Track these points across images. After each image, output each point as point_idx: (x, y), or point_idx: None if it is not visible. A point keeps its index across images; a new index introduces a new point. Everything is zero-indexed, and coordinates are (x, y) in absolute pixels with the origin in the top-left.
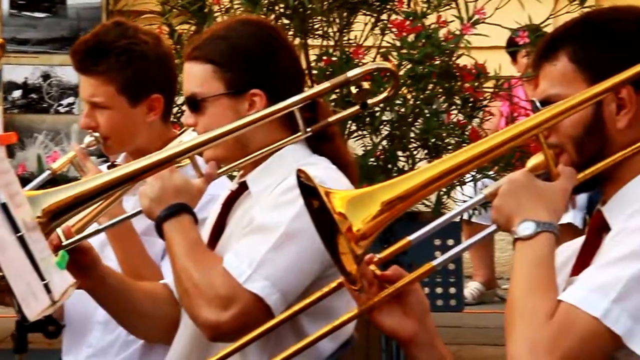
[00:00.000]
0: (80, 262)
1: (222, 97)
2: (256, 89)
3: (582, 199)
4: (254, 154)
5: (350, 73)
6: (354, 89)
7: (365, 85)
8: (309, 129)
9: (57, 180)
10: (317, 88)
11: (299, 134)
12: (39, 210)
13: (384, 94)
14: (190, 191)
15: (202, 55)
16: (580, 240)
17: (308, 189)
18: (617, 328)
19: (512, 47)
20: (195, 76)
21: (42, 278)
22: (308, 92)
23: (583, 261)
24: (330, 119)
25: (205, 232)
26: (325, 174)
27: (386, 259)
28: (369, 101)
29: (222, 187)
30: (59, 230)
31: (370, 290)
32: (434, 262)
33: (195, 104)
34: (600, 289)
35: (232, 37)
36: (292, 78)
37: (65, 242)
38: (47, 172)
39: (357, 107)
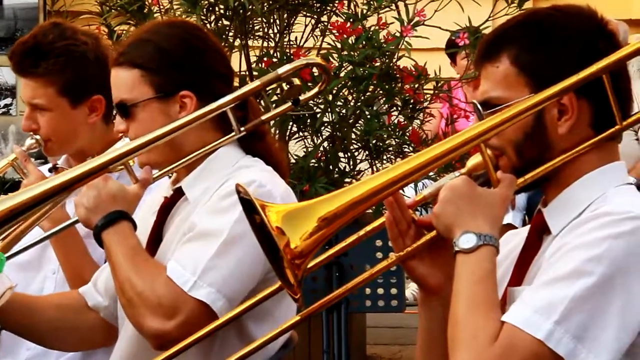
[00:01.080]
0: None
1: (151, 101)
2: (185, 90)
3: (521, 199)
4: (189, 156)
5: (281, 70)
6: (285, 86)
7: (296, 81)
8: (242, 129)
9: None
10: (248, 87)
11: (233, 134)
12: None
13: (316, 89)
14: (127, 197)
15: (128, 60)
16: (521, 233)
17: (247, 203)
18: (559, 349)
19: (451, 49)
20: (123, 82)
21: None
22: (239, 91)
23: (523, 264)
24: (263, 117)
25: (141, 238)
26: (262, 176)
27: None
28: (301, 97)
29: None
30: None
31: (407, 234)
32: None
33: (126, 110)
34: (543, 310)
35: (157, 40)
36: (221, 77)
37: (9, 253)
38: None
39: (289, 104)
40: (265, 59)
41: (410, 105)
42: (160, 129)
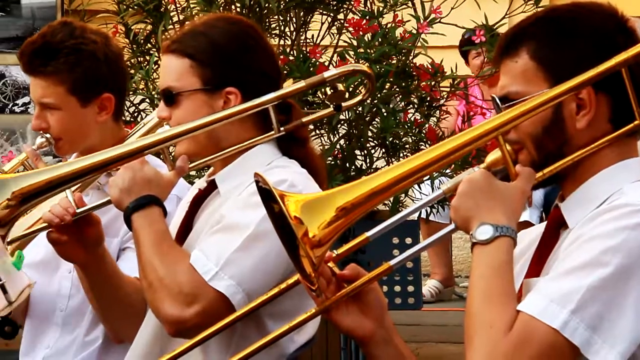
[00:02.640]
0: (87, 235)
1: (197, 92)
2: (232, 87)
3: (538, 196)
4: (225, 150)
5: (327, 73)
6: (329, 90)
7: (340, 86)
8: (282, 129)
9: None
10: (293, 87)
11: (272, 132)
12: (9, 192)
13: (359, 97)
14: (161, 183)
15: (181, 49)
16: (537, 230)
17: (266, 193)
18: (575, 339)
19: (464, 47)
20: (172, 69)
21: None
22: (283, 90)
23: (540, 257)
24: (304, 120)
25: (172, 229)
26: (294, 177)
27: (344, 256)
28: (343, 104)
29: (185, 188)
30: (70, 197)
31: (328, 289)
32: (392, 262)
33: (171, 97)
34: (559, 300)
35: (211, 34)
36: (269, 78)
37: (78, 210)
38: None
39: (330, 109)
40: (281, 56)
41: (427, 103)
42: (201, 119)
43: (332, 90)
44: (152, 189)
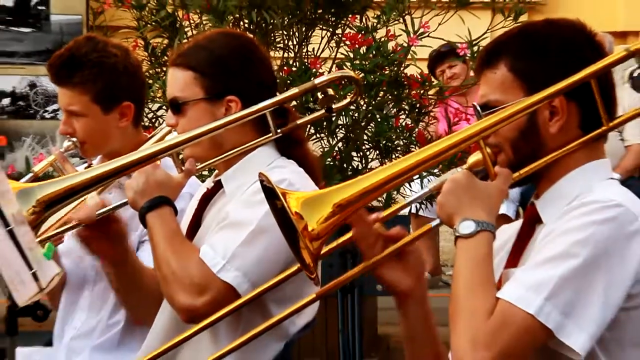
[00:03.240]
0: (112, 231)
1: (201, 101)
2: (232, 95)
3: (514, 192)
4: (228, 153)
5: (317, 80)
6: (320, 95)
7: (330, 91)
8: (279, 131)
9: (41, 180)
10: (287, 93)
11: (270, 134)
12: (34, 200)
13: (347, 100)
14: (171, 185)
15: (185, 63)
16: (515, 225)
17: (270, 191)
18: (549, 323)
19: (433, 65)
20: (178, 81)
21: (30, 267)
22: (278, 97)
23: (517, 250)
24: (299, 122)
25: (182, 226)
26: (292, 176)
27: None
28: (334, 106)
29: (194, 187)
30: (93, 200)
31: (375, 247)
32: (432, 224)
33: (177, 106)
34: (534, 288)
35: (212, 48)
36: (266, 87)
37: (101, 211)
38: (29, 175)
39: (322, 112)
40: (285, 68)
41: (417, 109)
42: (205, 125)
43: (323, 95)
44: (163, 191)
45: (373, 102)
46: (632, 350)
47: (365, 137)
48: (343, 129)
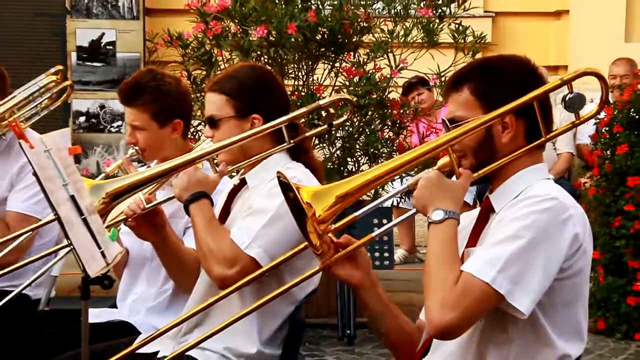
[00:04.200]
0: (154, 222)
1: (231, 118)
2: (256, 114)
3: (472, 187)
4: (252, 158)
5: (322, 102)
6: (323, 113)
7: (332, 110)
8: (292, 141)
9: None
10: (297, 112)
11: (285, 144)
12: (104, 193)
13: (344, 117)
14: (208, 183)
15: (219, 88)
16: (473, 213)
17: (285, 185)
18: (501, 289)
19: (406, 92)
20: (213, 103)
21: (99, 247)
22: (291, 115)
23: (476, 233)
24: (307, 134)
25: (216, 213)
26: (301, 175)
27: (340, 229)
28: (334, 122)
29: (225, 183)
30: (142, 197)
31: (329, 252)
32: (373, 234)
33: (213, 122)
34: (490, 262)
35: (240, 77)
36: (281, 107)
37: (147, 206)
38: (102, 175)
39: (325, 127)
40: (295, 93)
41: (397, 125)
42: (235, 137)
43: (325, 113)
44: (202, 187)
45: (364, 120)
46: (562, 310)
47: (357, 147)
48: (340, 140)
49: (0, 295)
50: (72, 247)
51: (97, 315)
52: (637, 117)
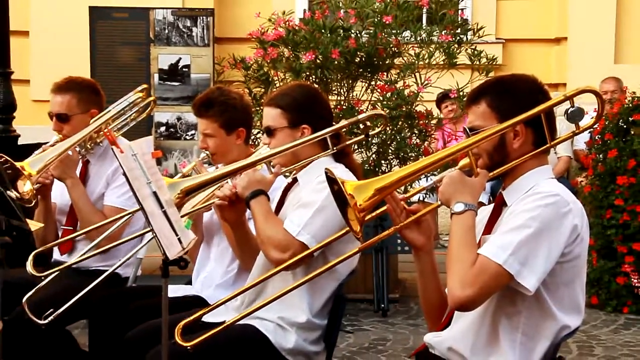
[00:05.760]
0: (237, 206)
1: (285, 128)
2: (305, 124)
3: (487, 186)
4: (302, 161)
5: (360, 116)
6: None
7: (368, 123)
8: (335, 148)
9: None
10: (340, 124)
11: (329, 150)
12: (179, 189)
13: (378, 129)
14: (265, 182)
15: (275, 103)
16: (488, 207)
17: (331, 180)
18: (511, 270)
19: (444, 100)
20: (270, 115)
21: (176, 234)
22: (334, 126)
23: (491, 222)
24: (347, 142)
25: (272, 207)
26: (343, 172)
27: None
28: (370, 132)
29: (280, 182)
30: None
31: (401, 217)
32: (439, 202)
33: (269, 132)
34: (503, 247)
35: (293, 94)
36: (326, 119)
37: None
38: (179, 175)
39: (362, 136)
40: (338, 106)
41: (423, 133)
42: (288, 144)
43: (363, 125)
44: (260, 186)
45: (395, 129)
46: (563, 288)
47: (390, 151)
48: (375, 146)
49: (97, 274)
50: (154, 234)
51: (174, 290)
52: (625, 126)
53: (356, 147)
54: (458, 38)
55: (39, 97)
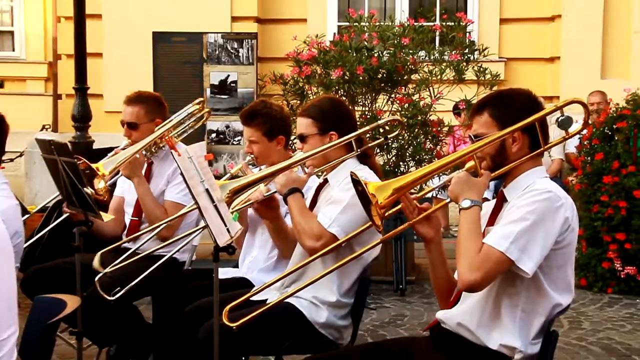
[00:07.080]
0: (271, 205)
1: (315, 135)
2: (333, 131)
3: (492, 185)
4: (332, 162)
5: (380, 122)
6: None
7: (387, 128)
8: (359, 150)
9: (234, 178)
10: (362, 129)
11: (353, 152)
12: (228, 189)
13: (396, 132)
14: (300, 181)
15: (306, 114)
16: (491, 203)
17: (356, 181)
18: (512, 256)
19: (456, 110)
20: (302, 124)
21: (225, 225)
22: (358, 131)
23: (494, 216)
24: (370, 145)
25: (307, 203)
26: (367, 173)
27: (396, 212)
28: (389, 136)
29: (313, 181)
30: (263, 188)
31: (414, 213)
32: (447, 200)
33: (302, 138)
34: (504, 237)
35: (323, 105)
36: (351, 126)
37: (265, 194)
38: (228, 174)
39: (383, 139)
40: (362, 115)
41: (436, 139)
42: (318, 148)
43: (383, 130)
44: (296, 184)
45: (411, 135)
46: (556, 271)
47: (407, 154)
48: (395, 149)
49: (157, 258)
50: (207, 225)
51: (224, 273)
52: (610, 133)
53: (378, 150)
54: (466, 57)
55: (110, 108)
